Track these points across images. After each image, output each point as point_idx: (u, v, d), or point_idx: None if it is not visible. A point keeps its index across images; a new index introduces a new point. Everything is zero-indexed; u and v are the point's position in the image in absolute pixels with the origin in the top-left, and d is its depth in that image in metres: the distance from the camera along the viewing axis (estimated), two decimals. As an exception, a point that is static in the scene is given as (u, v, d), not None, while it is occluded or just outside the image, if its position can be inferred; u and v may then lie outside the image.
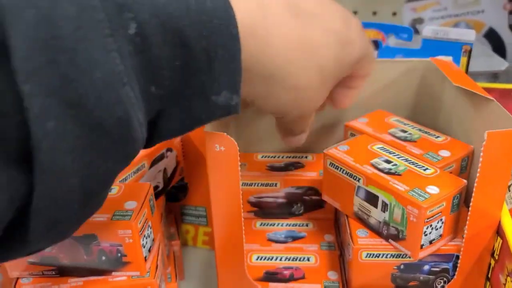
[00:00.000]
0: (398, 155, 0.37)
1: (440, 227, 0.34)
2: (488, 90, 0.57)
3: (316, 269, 0.39)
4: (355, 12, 0.79)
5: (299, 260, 0.40)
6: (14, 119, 0.17)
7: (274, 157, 0.47)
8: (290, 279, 0.38)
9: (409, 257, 0.34)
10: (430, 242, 0.34)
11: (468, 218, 0.33)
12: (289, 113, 0.28)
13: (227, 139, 0.30)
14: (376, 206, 0.35)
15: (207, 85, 0.22)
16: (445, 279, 0.35)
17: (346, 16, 0.27)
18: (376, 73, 0.43)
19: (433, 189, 0.33)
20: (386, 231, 0.35)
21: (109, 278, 0.34)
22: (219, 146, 0.30)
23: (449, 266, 0.35)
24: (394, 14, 0.78)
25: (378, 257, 0.35)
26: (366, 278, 0.36)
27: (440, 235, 0.34)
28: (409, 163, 0.36)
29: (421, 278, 0.35)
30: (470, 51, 0.52)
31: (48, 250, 0.34)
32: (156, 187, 0.43)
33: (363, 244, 0.35)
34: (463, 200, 0.34)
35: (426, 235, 0.33)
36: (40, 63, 0.16)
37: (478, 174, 0.31)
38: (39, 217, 0.18)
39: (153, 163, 0.42)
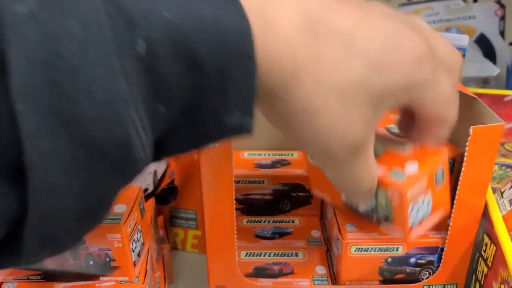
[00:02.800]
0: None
1: (428, 202, 0.32)
2: (479, 95, 0.57)
3: (305, 264, 0.40)
4: (347, 15, 0.79)
5: (288, 255, 0.40)
6: (7, 136, 0.16)
7: (261, 155, 0.47)
8: (280, 274, 0.38)
9: (397, 250, 0.35)
10: (420, 221, 0.32)
11: (453, 211, 0.33)
12: (311, 148, 0.24)
13: None
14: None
15: (219, 105, 0.20)
16: (430, 271, 0.36)
17: (395, 35, 0.23)
18: None
19: (411, 167, 0.30)
20: (376, 216, 0.34)
21: (96, 283, 0.33)
22: None
23: (434, 258, 0.36)
24: (387, 17, 0.78)
25: (366, 251, 0.35)
26: (355, 271, 0.36)
27: (430, 211, 0.32)
28: (387, 144, 0.33)
29: (408, 270, 0.36)
30: (463, 56, 0.52)
31: (33, 254, 0.33)
32: (145, 190, 0.42)
33: (352, 238, 0.35)
34: (451, 169, 0.34)
35: (412, 214, 0.31)
36: (39, 81, 0.16)
37: (463, 169, 0.32)
38: (34, 233, 0.18)
39: (143, 165, 0.41)
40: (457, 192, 0.33)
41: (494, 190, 0.41)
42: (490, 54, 0.74)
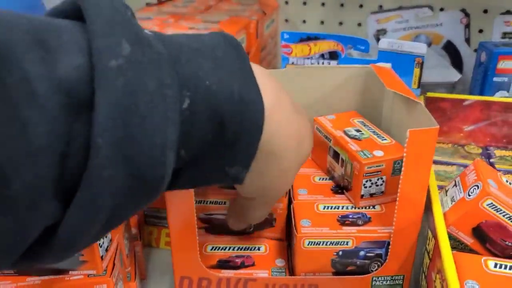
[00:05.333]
0: (369, 128, 0.46)
1: (381, 184, 0.42)
2: (441, 99, 0.61)
3: (265, 257, 0.42)
4: (322, 22, 0.82)
5: (250, 249, 0.43)
6: (76, 161, 0.19)
7: None
8: (241, 266, 0.41)
9: (348, 244, 0.39)
10: (371, 195, 0.42)
11: (396, 207, 0.36)
12: (268, 193, 0.31)
13: None
14: (338, 163, 0.44)
15: (226, 158, 0.26)
16: (378, 263, 0.39)
17: (307, 130, 0.32)
18: (323, 78, 0.48)
19: (378, 153, 0.41)
20: (342, 183, 0.44)
21: (66, 277, 0.35)
22: None
23: (382, 251, 0.39)
24: (359, 24, 0.81)
25: (319, 244, 0.38)
26: (309, 264, 0.39)
27: (382, 192, 0.42)
28: (374, 134, 0.45)
29: (358, 263, 0.39)
30: (422, 63, 0.55)
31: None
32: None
33: (306, 233, 0.38)
34: (399, 169, 0.39)
35: (366, 187, 0.41)
36: (116, 122, 0.20)
37: (403, 168, 0.35)
38: (60, 241, 0.21)
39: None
40: (399, 189, 0.36)
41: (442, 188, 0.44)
42: (457, 60, 0.77)
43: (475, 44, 0.75)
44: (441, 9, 0.77)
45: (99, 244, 0.35)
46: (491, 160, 0.57)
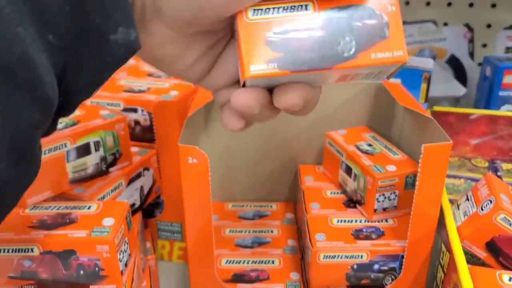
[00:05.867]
0: (381, 142, 0.47)
1: (394, 198, 0.42)
2: (447, 113, 0.61)
3: (280, 270, 0.43)
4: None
5: (265, 263, 0.44)
6: None
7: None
8: (256, 280, 0.42)
9: (362, 257, 0.39)
10: (384, 209, 0.42)
11: (410, 221, 0.37)
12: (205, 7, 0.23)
13: (199, 152, 0.34)
14: (350, 177, 0.45)
15: (103, 26, 0.21)
16: (392, 276, 0.40)
17: None
18: (333, 93, 0.49)
19: (391, 167, 0.42)
20: (355, 197, 0.44)
21: (86, 291, 0.36)
22: (191, 158, 0.34)
23: (396, 265, 0.40)
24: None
25: (334, 258, 0.39)
26: (323, 277, 0.40)
27: (395, 206, 0.43)
28: (386, 148, 0.45)
29: (372, 276, 0.40)
30: (429, 78, 0.56)
31: (27, 265, 0.35)
32: (133, 205, 0.45)
33: (321, 247, 0.39)
34: (412, 183, 0.42)
35: (379, 202, 0.42)
36: None
37: (417, 182, 0.36)
38: None
39: (130, 181, 0.44)
40: (413, 203, 0.36)
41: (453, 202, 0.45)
42: (461, 74, 0.78)
43: (478, 58, 0.76)
44: (445, 24, 0.78)
45: (119, 259, 0.36)
46: (498, 173, 0.58)
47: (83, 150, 0.40)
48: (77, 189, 0.41)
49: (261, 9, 0.22)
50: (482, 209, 0.37)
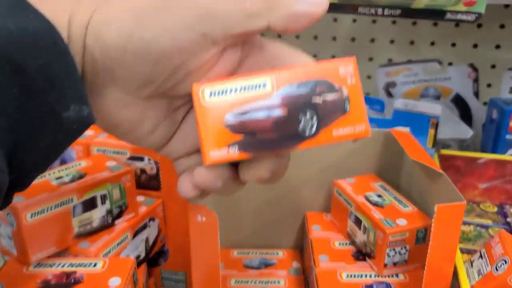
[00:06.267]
0: (390, 193, 0.46)
1: (405, 253, 0.41)
2: (455, 157, 0.61)
3: None
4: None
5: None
6: None
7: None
8: None
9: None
10: (394, 264, 0.42)
11: (424, 281, 0.36)
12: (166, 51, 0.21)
13: (208, 211, 0.34)
14: (360, 228, 0.44)
15: (54, 104, 0.21)
16: None
17: None
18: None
19: (402, 221, 0.41)
20: (364, 250, 0.44)
21: None
22: (201, 216, 0.34)
23: None
24: (369, 77, 0.82)
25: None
26: None
27: (405, 261, 0.42)
28: (396, 200, 0.45)
29: None
30: (437, 124, 0.56)
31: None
32: (138, 257, 0.44)
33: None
34: (423, 238, 0.41)
35: (389, 256, 0.41)
36: None
37: (430, 242, 0.35)
38: None
39: (136, 233, 0.44)
40: (426, 262, 0.35)
41: (468, 252, 0.44)
42: (466, 113, 0.78)
43: (483, 97, 0.76)
44: (450, 64, 0.78)
45: (124, 320, 0.35)
46: (508, 219, 0.57)
47: (90, 204, 0.40)
48: (82, 244, 0.40)
49: (218, 91, 0.21)
50: (496, 269, 0.37)
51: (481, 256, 0.39)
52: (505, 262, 0.36)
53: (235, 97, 0.22)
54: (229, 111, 0.21)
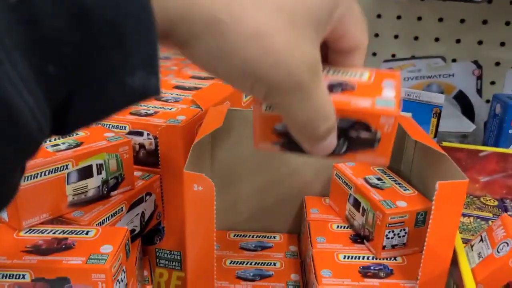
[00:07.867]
0: (390, 177, 0.46)
1: (404, 236, 0.41)
2: (457, 150, 0.60)
3: None
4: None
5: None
6: None
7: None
8: None
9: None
10: (393, 246, 0.41)
11: (422, 261, 0.35)
12: (272, 77, 0.22)
13: (205, 179, 0.33)
14: (358, 211, 0.43)
15: (117, 65, 0.18)
16: None
17: None
18: None
19: (402, 203, 0.41)
20: (363, 233, 0.43)
21: (79, 322, 0.34)
22: (197, 186, 0.33)
23: None
24: (372, 72, 0.82)
25: None
26: None
27: (404, 244, 0.41)
28: (396, 183, 0.44)
29: None
30: (439, 113, 0.55)
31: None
32: (132, 231, 0.43)
33: (327, 284, 0.37)
34: (423, 221, 0.40)
35: (388, 238, 0.40)
36: None
37: (430, 221, 0.34)
38: None
39: (132, 206, 0.43)
40: (425, 242, 0.35)
41: (467, 242, 0.43)
42: (469, 110, 0.78)
43: (486, 95, 0.76)
44: (454, 60, 0.78)
45: (115, 288, 0.34)
46: (509, 213, 0.56)
47: (85, 173, 0.39)
48: (76, 213, 0.39)
49: (271, 107, 0.27)
50: (498, 252, 0.36)
51: (481, 240, 0.39)
52: (507, 244, 0.36)
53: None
54: (278, 122, 0.27)
